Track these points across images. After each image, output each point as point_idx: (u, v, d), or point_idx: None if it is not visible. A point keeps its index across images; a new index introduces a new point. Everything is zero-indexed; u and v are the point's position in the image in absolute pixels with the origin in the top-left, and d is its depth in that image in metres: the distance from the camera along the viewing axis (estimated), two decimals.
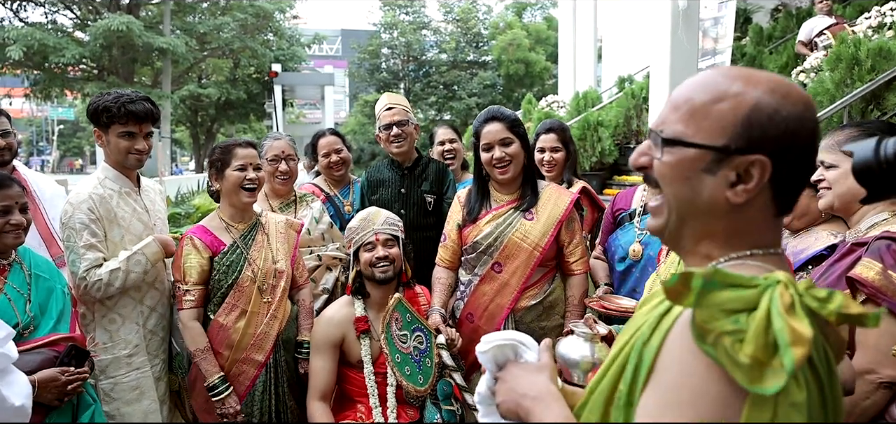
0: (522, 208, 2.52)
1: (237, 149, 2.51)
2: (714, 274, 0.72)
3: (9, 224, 2.02)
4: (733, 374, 0.68)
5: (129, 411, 2.48)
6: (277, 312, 2.53)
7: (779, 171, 0.80)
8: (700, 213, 0.84)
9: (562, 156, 3.04)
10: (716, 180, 0.82)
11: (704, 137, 0.82)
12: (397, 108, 3.07)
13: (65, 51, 17.35)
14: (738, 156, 0.80)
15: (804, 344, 0.65)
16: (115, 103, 2.39)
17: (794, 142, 0.80)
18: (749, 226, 0.83)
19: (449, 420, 2.33)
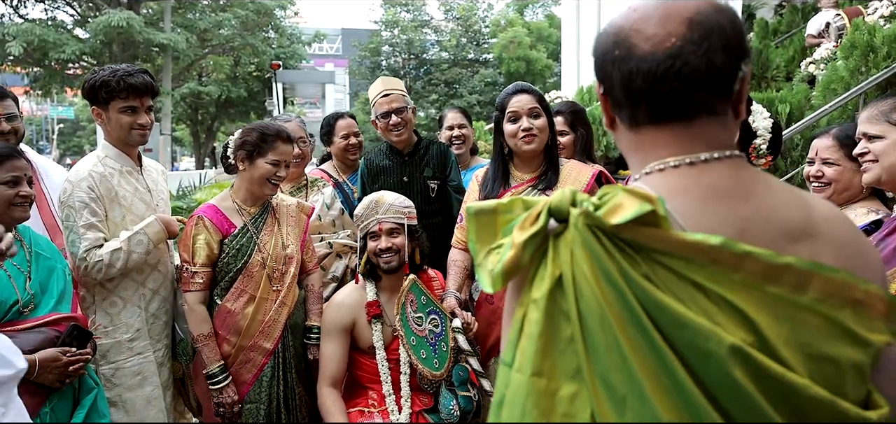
0: (541, 187, 2.43)
1: (278, 143, 2.38)
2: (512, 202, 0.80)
3: (18, 195, 1.94)
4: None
5: (130, 397, 2.39)
6: (286, 299, 2.44)
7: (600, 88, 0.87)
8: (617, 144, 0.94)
9: (569, 139, 2.93)
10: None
11: None
12: (394, 94, 2.91)
13: (65, 47, 17.21)
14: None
15: (514, 247, 0.72)
16: (113, 77, 2.30)
17: (597, 62, 0.86)
18: (627, 146, 0.89)
19: (465, 406, 2.24)
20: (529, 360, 0.71)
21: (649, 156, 0.84)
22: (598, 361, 0.69)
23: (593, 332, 0.69)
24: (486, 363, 2.39)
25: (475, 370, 2.27)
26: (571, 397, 0.70)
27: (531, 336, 0.72)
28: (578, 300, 0.70)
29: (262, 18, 22.00)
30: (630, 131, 0.86)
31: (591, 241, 0.71)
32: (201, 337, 2.33)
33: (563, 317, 0.71)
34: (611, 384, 0.68)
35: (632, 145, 0.88)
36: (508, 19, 25.43)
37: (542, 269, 0.73)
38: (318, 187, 2.97)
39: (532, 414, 0.70)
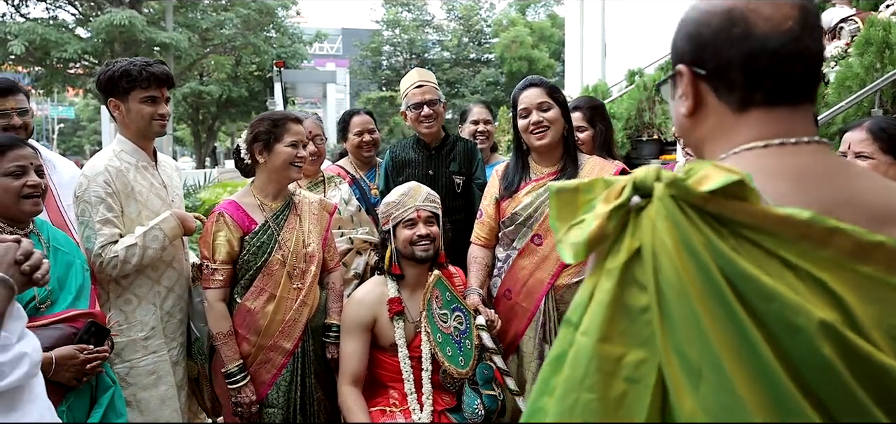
0: (562, 180, 2.40)
1: (290, 124, 2.34)
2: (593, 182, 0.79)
3: (26, 186, 1.87)
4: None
5: (145, 396, 2.34)
6: (307, 298, 2.38)
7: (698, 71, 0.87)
8: (683, 132, 0.94)
9: (588, 135, 2.90)
10: (676, 103, 0.93)
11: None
12: (427, 86, 2.90)
13: (67, 46, 17.17)
14: (673, 75, 0.91)
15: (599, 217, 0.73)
16: (134, 67, 2.27)
17: (698, 41, 0.86)
18: (715, 130, 0.88)
19: (490, 405, 2.19)
20: (597, 326, 0.72)
21: (740, 138, 0.84)
22: (673, 333, 0.68)
23: (670, 303, 0.68)
24: (505, 359, 2.35)
25: (500, 368, 2.23)
26: (637, 363, 0.71)
27: (601, 303, 0.73)
28: (657, 272, 0.70)
29: (263, 18, 21.96)
30: (732, 113, 0.86)
31: (675, 213, 0.70)
32: (221, 335, 2.28)
33: (638, 288, 0.71)
34: (686, 355, 0.67)
35: (723, 128, 0.87)
36: (510, 19, 25.42)
37: (619, 242, 0.74)
38: (335, 183, 2.93)
39: (594, 375, 0.71)
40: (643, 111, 8.09)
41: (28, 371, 1.24)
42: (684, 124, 0.92)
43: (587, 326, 0.73)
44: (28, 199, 1.88)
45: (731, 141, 0.86)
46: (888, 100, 4.59)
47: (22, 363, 1.25)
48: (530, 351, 2.37)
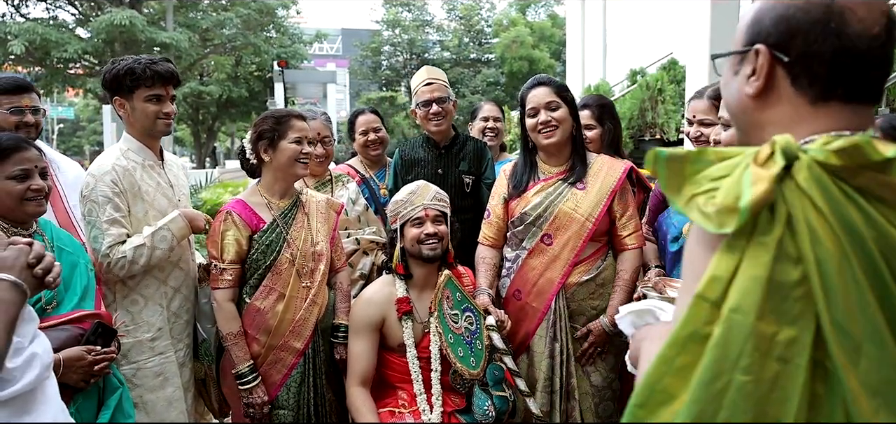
0: (571, 179, 2.39)
1: (293, 121, 2.33)
2: (701, 151, 0.79)
3: (29, 189, 1.85)
4: (704, 225, 0.74)
5: (151, 398, 2.32)
6: (317, 297, 2.36)
7: (781, 56, 0.85)
8: (737, 113, 0.93)
9: (596, 134, 2.89)
10: (739, 79, 0.91)
11: (733, 46, 0.93)
12: (437, 84, 2.89)
13: (67, 46, 17.15)
14: (747, 51, 0.89)
15: (763, 181, 0.70)
16: (138, 65, 2.25)
17: (789, 26, 0.84)
18: (784, 117, 0.87)
19: (501, 406, 2.17)
20: (755, 303, 0.69)
21: (813, 129, 0.84)
22: (833, 307, 0.68)
23: (830, 276, 0.68)
24: (515, 359, 2.33)
25: (510, 369, 2.21)
26: (790, 341, 0.69)
27: (758, 278, 0.70)
28: (814, 244, 0.69)
29: (263, 18, 21.94)
30: (808, 103, 0.85)
31: (827, 183, 0.71)
32: (230, 335, 2.26)
33: (790, 262, 0.70)
34: (846, 330, 0.67)
35: (796, 116, 0.86)
36: (510, 19, 25.41)
37: (771, 212, 0.72)
38: (342, 183, 2.91)
39: (751, 356, 0.69)
40: (646, 111, 8.07)
41: (40, 374, 1.23)
42: (745, 104, 0.90)
43: (739, 302, 0.70)
44: (31, 202, 1.87)
45: (803, 130, 0.85)
46: (895, 98, 4.57)
47: (33, 365, 1.23)
48: (541, 350, 2.35)
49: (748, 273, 0.71)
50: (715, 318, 0.72)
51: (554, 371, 2.34)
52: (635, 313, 1.16)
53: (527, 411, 2.25)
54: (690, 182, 0.78)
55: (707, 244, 0.78)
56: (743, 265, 0.72)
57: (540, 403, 2.29)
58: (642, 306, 1.16)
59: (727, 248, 0.74)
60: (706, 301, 0.73)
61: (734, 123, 0.96)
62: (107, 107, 8.97)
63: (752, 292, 0.70)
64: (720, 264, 0.74)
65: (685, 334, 0.74)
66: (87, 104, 29.34)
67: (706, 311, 0.73)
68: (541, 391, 2.33)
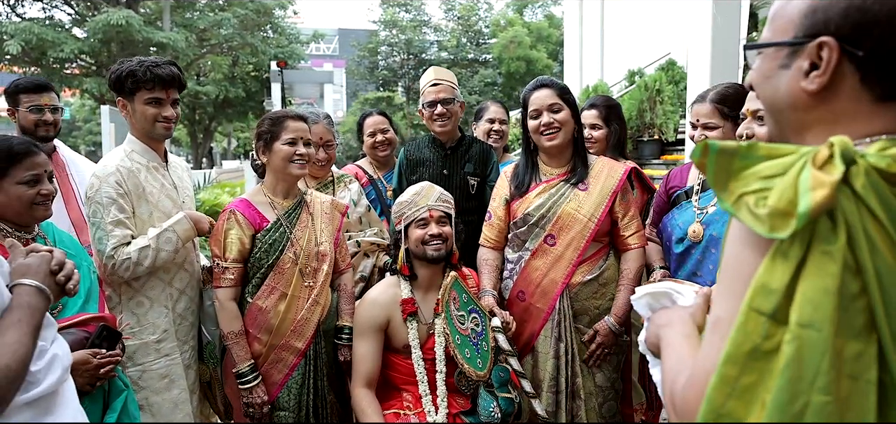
0: (573, 181, 2.40)
1: (288, 122, 2.34)
2: (751, 146, 0.74)
3: (39, 194, 1.87)
4: (754, 227, 0.69)
5: (157, 400, 2.32)
6: (319, 298, 2.36)
7: (853, 49, 0.78)
8: (785, 110, 0.85)
9: (602, 134, 2.91)
10: (791, 73, 0.83)
11: (778, 36, 0.85)
12: (443, 85, 2.90)
13: (63, 46, 17.08)
14: (807, 43, 0.81)
15: (824, 186, 0.65)
16: (140, 68, 2.25)
17: (864, 18, 0.77)
18: (844, 115, 0.81)
19: (506, 408, 2.17)
20: (829, 318, 0.65)
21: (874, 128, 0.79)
22: (894, 319, 0.66)
23: (890, 288, 0.66)
24: (519, 360, 2.34)
25: (515, 370, 2.22)
26: (857, 355, 0.66)
27: (828, 291, 0.66)
28: (873, 255, 0.66)
29: (261, 18, 21.90)
30: (871, 102, 0.79)
31: (885, 192, 0.68)
32: (232, 334, 2.26)
33: (850, 272, 0.66)
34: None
35: (858, 114, 0.80)
36: (508, 19, 25.42)
37: (831, 219, 0.68)
38: (344, 183, 2.90)
39: (828, 374, 0.64)
40: (644, 111, 8.08)
41: (61, 376, 1.25)
42: (800, 101, 0.83)
43: (811, 317, 0.65)
44: (40, 206, 1.88)
45: (862, 129, 0.80)
46: None
47: (55, 367, 1.24)
48: (546, 351, 2.36)
49: (817, 284, 0.66)
50: (775, 333, 0.68)
51: (559, 372, 2.34)
52: (651, 295, 1.12)
53: (532, 412, 2.25)
54: (738, 178, 0.74)
55: (755, 246, 0.74)
56: (807, 275, 0.67)
57: (545, 403, 2.29)
58: (659, 288, 1.12)
59: (781, 255, 0.69)
60: (762, 314, 0.69)
61: (774, 119, 0.89)
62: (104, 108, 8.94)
63: (823, 306, 0.66)
64: (773, 273, 0.69)
65: (744, 351, 0.69)
66: (84, 104, 29.23)
67: (764, 325, 0.68)
68: (546, 391, 2.33)
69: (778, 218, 0.68)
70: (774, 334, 0.68)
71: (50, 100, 2.46)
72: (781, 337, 0.67)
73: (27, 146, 1.91)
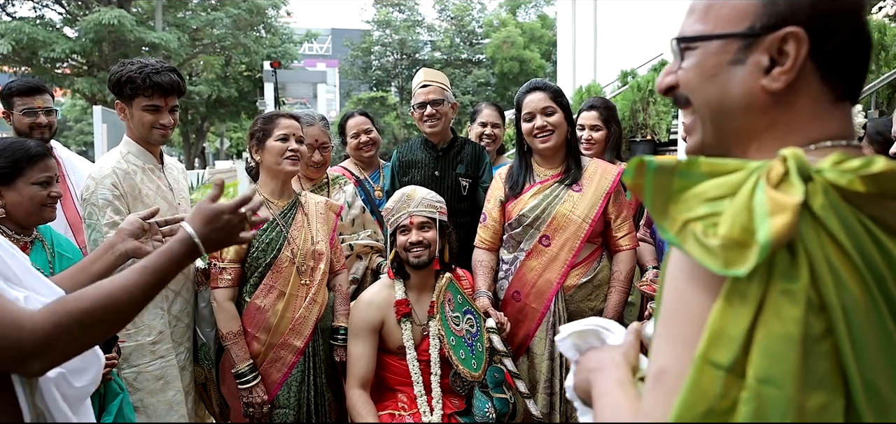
0: (567, 182, 2.42)
1: (280, 119, 2.36)
2: (691, 162, 0.63)
3: (49, 196, 1.90)
4: (704, 262, 0.58)
5: (152, 402, 2.31)
6: (317, 296, 2.37)
7: (820, 44, 0.69)
8: (737, 113, 0.73)
9: (602, 135, 2.94)
10: (747, 70, 0.71)
11: (724, 26, 0.73)
12: (433, 86, 2.90)
13: (54, 45, 17.00)
14: (766, 35, 0.69)
15: (786, 210, 0.55)
16: (139, 74, 2.24)
17: (834, 8, 0.69)
18: (801, 118, 0.71)
19: (501, 408, 2.19)
20: (791, 372, 0.55)
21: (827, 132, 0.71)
22: (863, 363, 0.56)
23: (858, 327, 0.56)
24: (515, 361, 2.35)
25: (510, 371, 2.23)
26: (821, 409, 0.56)
27: (790, 339, 0.55)
28: (839, 290, 0.56)
29: (254, 17, 21.84)
30: (829, 103, 0.71)
31: (845, 213, 0.58)
32: (230, 334, 2.26)
33: (813, 311, 0.56)
34: (876, 389, 0.56)
35: (814, 116, 0.71)
36: (501, 19, 25.47)
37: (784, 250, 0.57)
38: (339, 185, 2.91)
39: None
40: (637, 112, 8.13)
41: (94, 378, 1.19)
42: (757, 103, 0.72)
43: (769, 371, 0.55)
44: (48, 207, 1.92)
45: (816, 133, 0.71)
46: (884, 101, 4.64)
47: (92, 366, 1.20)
48: (541, 352, 2.37)
49: (777, 331, 0.56)
50: (732, 389, 0.57)
51: (554, 373, 2.36)
52: (577, 334, 1.00)
53: (527, 412, 2.26)
54: (678, 201, 0.63)
55: (703, 284, 0.63)
56: (765, 320, 0.57)
57: (540, 404, 2.31)
58: (585, 326, 1.00)
59: (737, 296, 0.58)
60: (719, 367, 0.58)
61: (716, 126, 0.76)
62: (97, 108, 8.87)
63: (785, 358, 0.55)
64: (728, 317, 0.58)
65: (698, 412, 0.58)
66: (75, 104, 29.03)
67: (720, 381, 0.58)
68: (541, 392, 2.35)
69: (733, 251, 0.57)
70: (730, 390, 0.57)
71: (43, 102, 2.46)
72: (737, 395, 0.57)
73: (42, 148, 1.96)
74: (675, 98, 0.80)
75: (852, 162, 0.59)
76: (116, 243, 1.38)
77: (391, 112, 24.50)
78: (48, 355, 0.99)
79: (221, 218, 1.26)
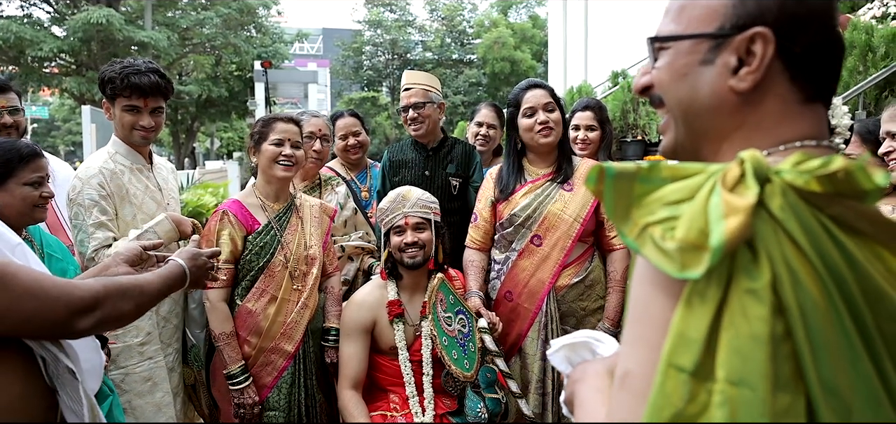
0: (559, 180, 2.42)
1: (278, 123, 2.34)
2: (652, 167, 0.64)
3: (41, 197, 1.87)
4: (661, 266, 0.59)
5: (140, 403, 2.30)
6: (309, 301, 2.36)
7: (789, 44, 0.69)
8: (706, 113, 0.74)
9: (597, 135, 2.95)
10: (715, 70, 0.72)
11: (695, 26, 0.74)
12: (415, 89, 2.87)
13: (42, 44, 16.83)
14: (735, 35, 0.70)
15: (738, 212, 0.55)
16: (119, 74, 2.21)
17: (802, 9, 0.69)
18: (769, 118, 0.71)
19: (493, 408, 2.19)
20: (763, 373, 0.54)
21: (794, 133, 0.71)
22: (822, 365, 0.56)
23: (817, 329, 0.56)
24: (507, 361, 2.35)
25: (502, 371, 2.23)
26: (785, 410, 0.55)
27: (759, 339, 0.55)
28: (797, 290, 0.56)
29: (244, 17, 21.72)
30: (798, 104, 0.72)
31: (804, 214, 0.58)
32: (223, 335, 2.25)
33: (774, 313, 0.56)
34: (836, 391, 0.56)
35: (783, 116, 0.72)
36: (492, 20, 25.51)
37: (751, 251, 0.58)
38: (332, 186, 2.89)
39: None
40: (628, 112, 8.15)
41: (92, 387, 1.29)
42: (725, 103, 0.72)
43: (741, 373, 0.55)
44: (40, 208, 1.89)
45: (786, 134, 0.71)
46: (871, 102, 4.67)
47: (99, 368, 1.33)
48: (533, 352, 2.37)
49: (743, 331, 0.56)
50: (699, 393, 0.57)
51: (546, 373, 2.36)
52: (569, 346, 1.01)
53: (519, 412, 2.26)
54: (640, 206, 0.63)
55: (664, 288, 0.63)
56: (731, 321, 0.57)
57: (532, 404, 2.31)
58: (576, 339, 1.01)
59: (697, 297, 0.59)
60: (682, 371, 0.58)
61: (687, 125, 0.77)
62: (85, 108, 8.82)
63: (754, 358, 0.55)
64: (689, 320, 0.59)
65: (665, 418, 0.58)
66: (63, 104, 28.79)
67: (685, 385, 0.57)
68: (533, 392, 2.35)
69: (689, 254, 0.57)
70: (698, 394, 0.57)
71: (7, 102, 2.39)
72: (707, 398, 0.57)
73: (33, 149, 1.93)
74: (650, 98, 0.80)
75: (811, 162, 0.59)
76: (111, 266, 1.45)
77: (382, 112, 24.47)
78: (96, 313, 1.15)
79: (200, 259, 1.56)
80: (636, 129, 8.13)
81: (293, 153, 2.35)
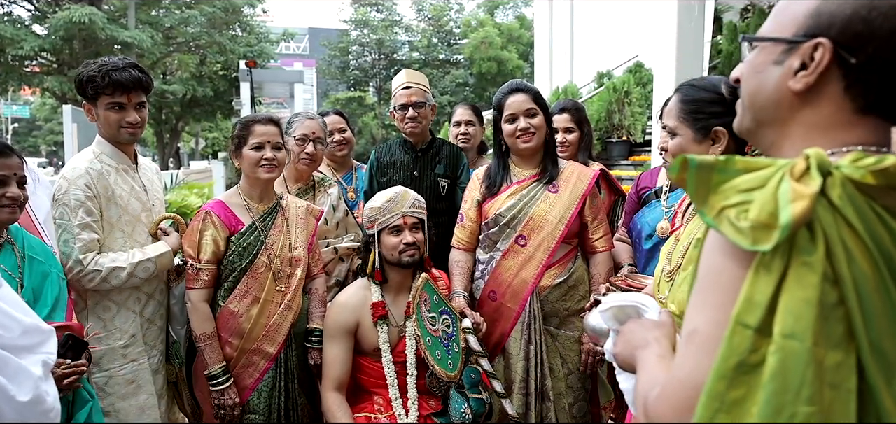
0: (545, 181, 2.44)
1: (255, 126, 2.33)
2: (728, 160, 0.75)
3: (5, 197, 1.82)
4: (736, 240, 0.71)
5: (124, 406, 2.28)
6: (292, 302, 2.36)
7: (846, 56, 0.79)
8: (770, 106, 0.86)
9: (575, 137, 2.97)
10: (782, 70, 0.83)
11: (777, 31, 0.85)
12: (415, 88, 2.90)
13: (23, 43, 16.59)
14: (803, 43, 0.81)
15: (804, 198, 0.67)
16: (98, 72, 2.20)
17: (866, 29, 0.77)
18: (826, 120, 0.82)
19: (477, 409, 2.19)
20: (810, 328, 0.67)
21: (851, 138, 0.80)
22: (870, 328, 0.68)
23: (867, 298, 0.68)
24: (490, 361, 2.36)
25: (486, 371, 2.24)
26: (837, 366, 0.67)
27: (810, 301, 0.67)
28: (850, 265, 0.68)
29: (229, 16, 21.55)
30: (852, 112, 0.81)
31: (859, 200, 0.70)
32: (204, 336, 2.24)
33: (828, 282, 0.68)
34: (882, 350, 0.68)
35: (837, 122, 0.81)
36: (479, 20, 25.51)
37: (809, 230, 0.69)
38: (324, 188, 2.87)
39: (813, 385, 0.66)
40: (613, 113, 8.20)
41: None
42: (784, 99, 0.84)
43: (793, 328, 0.67)
44: (4, 208, 1.83)
45: (841, 138, 0.81)
46: None
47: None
48: (516, 351, 2.39)
49: (798, 296, 0.68)
50: (761, 346, 0.69)
51: (529, 374, 2.37)
52: (618, 307, 1.12)
53: (503, 412, 2.27)
54: (717, 192, 0.75)
55: (737, 259, 0.75)
56: (788, 287, 0.69)
57: (516, 404, 2.32)
58: (625, 301, 1.12)
59: (764, 268, 0.71)
60: (747, 327, 0.70)
61: (754, 115, 0.89)
62: (67, 108, 8.69)
63: (804, 316, 0.67)
64: (757, 286, 0.71)
65: (732, 365, 0.70)
66: (44, 103, 28.39)
67: (749, 339, 0.70)
68: (517, 392, 2.36)
69: (760, 231, 0.69)
70: (760, 347, 0.69)
71: None
72: (766, 350, 0.69)
73: (2, 146, 1.86)
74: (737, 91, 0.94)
75: (868, 159, 0.71)
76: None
77: (369, 112, 24.40)
78: None
79: None
80: (621, 130, 8.19)
81: (274, 155, 2.34)
